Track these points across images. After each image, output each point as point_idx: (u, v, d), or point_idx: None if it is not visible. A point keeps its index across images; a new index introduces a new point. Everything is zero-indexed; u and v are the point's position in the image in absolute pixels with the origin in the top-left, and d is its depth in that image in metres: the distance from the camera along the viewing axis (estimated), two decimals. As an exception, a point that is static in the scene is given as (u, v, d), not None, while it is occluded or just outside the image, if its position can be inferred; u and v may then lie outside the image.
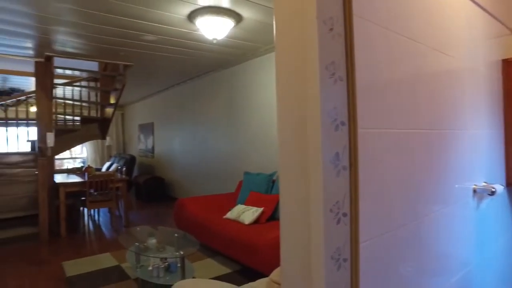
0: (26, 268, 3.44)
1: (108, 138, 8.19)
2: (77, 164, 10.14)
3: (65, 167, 9.54)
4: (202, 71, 5.73)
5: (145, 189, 7.04)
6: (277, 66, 0.88)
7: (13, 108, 7.75)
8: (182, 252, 2.72)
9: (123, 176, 5.18)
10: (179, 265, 2.73)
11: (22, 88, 7.01)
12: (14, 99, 5.44)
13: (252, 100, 4.79)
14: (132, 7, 3.06)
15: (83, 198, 5.09)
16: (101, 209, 5.98)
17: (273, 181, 3.88)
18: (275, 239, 2.92)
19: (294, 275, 0.82)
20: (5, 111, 7.31)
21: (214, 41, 3.52)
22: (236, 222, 3.45)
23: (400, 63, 0.98)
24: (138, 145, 9.04)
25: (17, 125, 5.55)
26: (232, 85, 5.25)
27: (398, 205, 0.95)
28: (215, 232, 3.49)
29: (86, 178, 4.60)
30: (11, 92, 7.05)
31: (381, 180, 0.90)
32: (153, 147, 8.13)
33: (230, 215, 3.60)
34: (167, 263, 2.76)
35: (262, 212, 3.43)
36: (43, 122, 4.70)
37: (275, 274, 1.34)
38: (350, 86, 0.83)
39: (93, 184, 4.56)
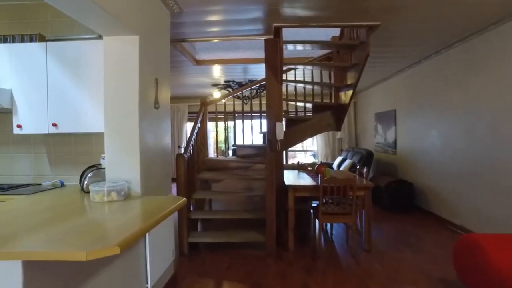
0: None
1: (340, 129, 7.13)
2: (308, 157, 9.81)
3: (296, 161, 9.37)
4: (479, 26, 3.52)
5: (387, 194, 5.45)
6: None
7: (255, 101, 7.96)
8: None
9: (366, 182, 3.77)
10: None
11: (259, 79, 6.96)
12: (248, 89, 5.10)
13: None
14: None
15: (314, 205, 4.09)
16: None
17: None
18: None
19: None
20: (246, 104, 7.53)
21: None
22: None
23: None
24: (375, 138, 7.53)
25: (251, 117, 5.27)
26: None
27: None
28: None
29: (319, 181, 3.50)
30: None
31: None
32: (395, 141, 6.39)
33: None
34: None
35: None
36: (273, 110, 3.97)
37: None
38: None
39: (327, 191, 3.41)
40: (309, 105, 4.56)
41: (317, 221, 4.44)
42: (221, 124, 7.80)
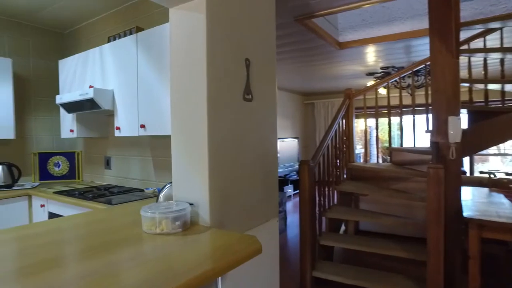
0: None
1: None
2: (507, 164, 7.10)
3: (486, 168, 6.87)
4: None
5: None
6: None
7: (421, 92, 6.29)
8: None
9: None
10: None
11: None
12: (407, 73, 3.76)
13: None
14: None
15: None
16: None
17: None
18: None
19: None
20: (411, 95, 5.98)
21: None
22: None
23: None
24: None
25: (414, 112, 3.89)
26: None
27: None
28: None
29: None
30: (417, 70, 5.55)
31: None
32: None
33: None
34: None
35: None
36: (442, 97, 2.62)
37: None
38: None
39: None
40: (510, 87, 2.89)
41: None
42: (385, 120, 6.48)
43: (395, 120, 7.67)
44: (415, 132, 3.85)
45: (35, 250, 1.23)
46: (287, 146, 8.04)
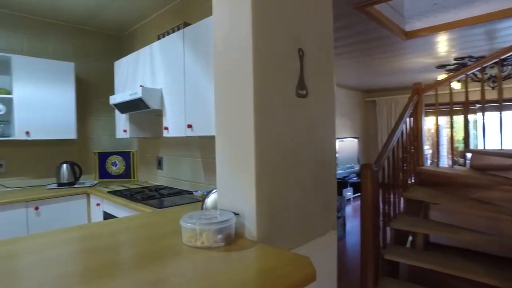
0: None
1: None
2: None
3: None
4: None
5: None
6: None
7: (508, 84, 5.49)
8: None
9: None
10: None
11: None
12: (491, 62, 3.21)
13: None
14: None
15: None
16: None
17: None
18: None
19: None
20: (493, 89, 5.25)
21: None
22: None
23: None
24: None
25: (500, 108, 3.30)
26: None
27: None
28: None
29: None
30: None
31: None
32: None
33: None
34: None
35: None
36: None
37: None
38: None
39: None
40: None
41: None
42: (457, 119, 5.77)
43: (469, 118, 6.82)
44: (502, 131, 3.28)
45: (83, 255, 1.14)
46: (347, 146, 7.59)
